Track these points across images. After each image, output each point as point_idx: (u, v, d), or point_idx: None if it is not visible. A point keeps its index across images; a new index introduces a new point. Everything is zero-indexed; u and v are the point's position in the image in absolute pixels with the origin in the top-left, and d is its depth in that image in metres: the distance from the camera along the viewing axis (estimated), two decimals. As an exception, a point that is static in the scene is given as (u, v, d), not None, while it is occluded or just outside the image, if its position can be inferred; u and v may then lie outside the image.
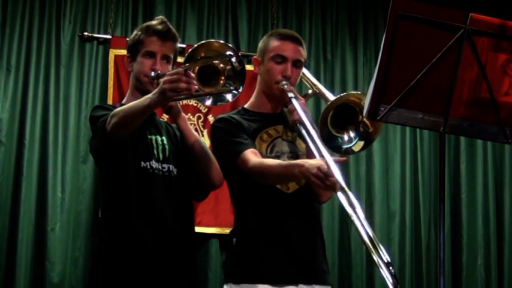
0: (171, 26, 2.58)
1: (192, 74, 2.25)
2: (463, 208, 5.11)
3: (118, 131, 2.34)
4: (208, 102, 2.56)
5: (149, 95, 2.30)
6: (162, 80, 2.27)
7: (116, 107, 2.56)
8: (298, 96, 2.55)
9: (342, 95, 2.49)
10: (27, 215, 4.39)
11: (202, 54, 2.52)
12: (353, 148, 2.50)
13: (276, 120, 2.61)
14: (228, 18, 5.03)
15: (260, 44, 2.69)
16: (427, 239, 5.04)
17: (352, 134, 2.48)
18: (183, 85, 2.20)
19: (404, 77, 2.05)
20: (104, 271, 2.43)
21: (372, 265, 4.89)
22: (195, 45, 2.57)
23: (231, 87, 2.47)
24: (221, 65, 2.47)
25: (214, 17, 4.98)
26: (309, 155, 2.47)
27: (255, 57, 2.70)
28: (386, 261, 2.09)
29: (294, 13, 5.16)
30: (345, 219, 4.81)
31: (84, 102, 4.64)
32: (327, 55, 5.11)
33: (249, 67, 4.82)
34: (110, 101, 4.48)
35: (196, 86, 2.28)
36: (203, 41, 2.60)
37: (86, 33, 4.71)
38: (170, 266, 2.45)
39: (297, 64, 2.60)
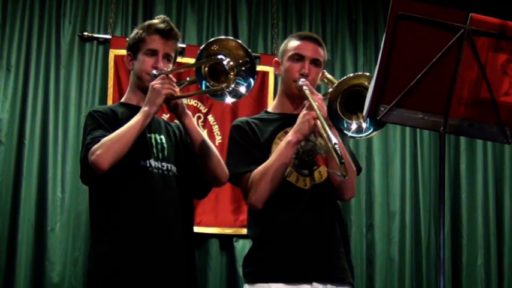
0: (173, 25, 2.58)
1: (174, 79, 2.47)
2: (463, 208, 5.11)
3: (102, 167, 2.34)
4: (230, 98, 2.47)
5: (138, 114, 2.41)
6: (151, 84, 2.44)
7: (112, 110, 2.57)
8: (315, 92, 2.56)
9: (349, 76, 2.51)
10: (27, 215, 4.39)
11: (215, 47, 2.48)
12: (362, 138, 2.52)
13: (295, 119, 2.59)
14: (228, 18, 5.03)
15: (281, 46, 2.74)
16: (427, 239, 5.04)
17: (364, 124, 2.47)
18: (169, 86, 2.41)
19: (404, 77, 2.05)
20: (102, 271, 2.43)
21: (372, 265, 4.89)
22: (213, 39, 2.53)
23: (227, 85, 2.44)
24: (231, 63, 2.45)
25: (214, 17, 4.98)
26: (329, 152, 2.48)
27: (275, 59, 2.74)
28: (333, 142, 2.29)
29: (294, 13, 5.16)
30: (343, 219, 4.80)
31: (84, 102, 4.63)
32: (327, 55, 5.11)
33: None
34: (109, 101, 4.48)
35: (177, 89, 2.45)
36: (222, 37, 2.58)
37: (86, 33, 4.71)
38: (168, 265, 2.45)
39: (316, 63, 2.64)
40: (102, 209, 2.49)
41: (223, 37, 2.55)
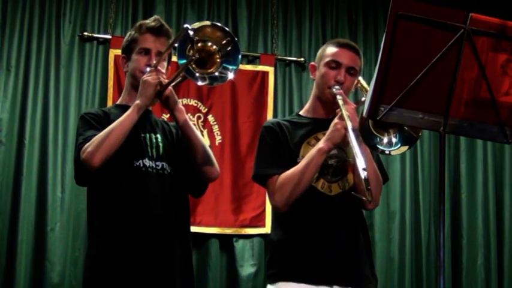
0: (164, 23, 2.60)
1: (163, 70, 2.51)
2: (463, 208, 5.11)
3: (94, 164, 2.36)
4: (203, 82, 2.46)
5: (129, 109, 2.43)
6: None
7: (104, 111, 2.58)
8: (348, 101, 2.55)
9: None
10: (27, 215, 4.39)
11: (196, 38, 2.44)
12: (394, 152, 2.50)
13: (326, 125, 2.57)
14: (228, 18, 5.03)
15: (319, 51, 2.74)
16: (427, 239, 5.05)
17: (394, 139, 2.46)
18: (156, 76, 2.44)
19: (404, 77, 2.05)
20: (95, 272, 2.43)
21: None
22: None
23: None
24: (213, 47, 2.44)
25: (214, 17, 4.98)
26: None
27: (312, 63, 2.74)
28: (362, 167, 2.28)
29: (294, 13, 5.16)
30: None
31: (84, 102, 4.63)
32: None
33: (249, 67, 4.91)
34: (109, 101, 4.49)
35: (164, 79, 2.47)
36: (196, 26, 2.43)
37: (86, 33, 4.71)
38: (162, 265, 2.45)
39: (351, 71, 2.63)
40: (97, 209, 2.51)
41: (198, 26, 2.43)
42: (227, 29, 2.48)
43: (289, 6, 5.16)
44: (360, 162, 2.28)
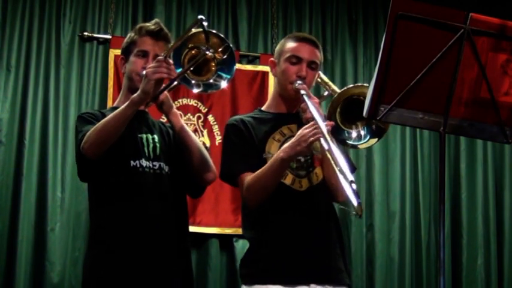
0: (163, 27, 2.61)
1: (171, 61, 2.40)
2: (463, 208, 5.11)
3: (93, 152, 2.37)
4: (198, 90, 2.48)
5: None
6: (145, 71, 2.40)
7: (102, 112, 2.58)
8: (312, 95, 2.54)
9: (349, 86, 2.48)
10: (27, 215, 4.39)
11: (191, 45, 2.46)
12: (361, 145, 2.49)
13: (290, 119, 2.59)
14: (228, 18, 5.03)
15: (277, 47, 2.72)
16: (427, 239, 5.05)
17: (362, 132, 2.46)
18: (163, 69, 2.35)
19: (404, 77, 2.05)
20: (94, 272, 2.44)
21: (372, 265, 4.90)
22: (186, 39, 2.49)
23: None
24: (209, 54, 2.44)
25: (214, 17, 4.98)
26: (323, 152, 2.46)
27: (271, 59, 2.72)
28: (350, 179, 2.18)
29: (294, 13, 5.16)
30: (344, 219, 4.80)
31: (84, 102, 4.64)
32: (327, 55, 5.10)
33: (249, 67, 4.91)
34: (109, 101, 4.49)
35: (174, 72, 2.40)
36: (189, 34, 2.45)
37: (86, 33, 4.71)
38: (160, 265, 2.45)
39: (312, 66, 2.62)
40: (96, 209, 2.52)
41: (192, 32, 2.44)
42: (222, 35, 2.48)
43: (289, 6, 5.16)
44: (348, 176, 2.20)
